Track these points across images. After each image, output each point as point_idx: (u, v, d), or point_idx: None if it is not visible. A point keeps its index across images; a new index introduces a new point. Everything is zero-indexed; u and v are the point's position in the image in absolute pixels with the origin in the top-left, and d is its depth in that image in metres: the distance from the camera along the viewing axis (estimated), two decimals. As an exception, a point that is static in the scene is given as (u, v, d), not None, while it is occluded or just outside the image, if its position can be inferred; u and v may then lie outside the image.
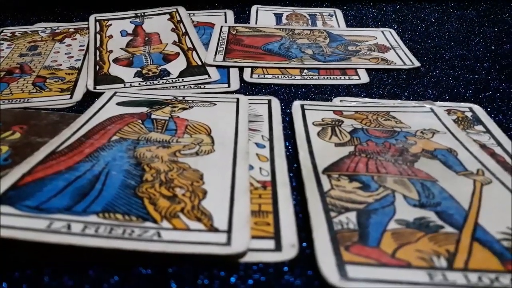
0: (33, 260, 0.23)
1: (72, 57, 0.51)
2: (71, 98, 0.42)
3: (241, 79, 0.46)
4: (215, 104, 0.40)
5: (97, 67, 0.48)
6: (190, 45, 0.52)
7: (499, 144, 0.35)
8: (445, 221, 0.26)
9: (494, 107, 0.41)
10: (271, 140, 0.34)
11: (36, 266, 0.23)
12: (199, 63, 0.49)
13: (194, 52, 0.51)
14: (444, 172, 0.31)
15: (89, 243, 0.23)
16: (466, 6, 0.69)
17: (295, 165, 0.32)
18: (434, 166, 0.31)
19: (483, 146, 0.34)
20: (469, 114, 0.40)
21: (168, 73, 0.47)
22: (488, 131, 0.37)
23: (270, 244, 0.24)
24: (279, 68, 0.48)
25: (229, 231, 0.24)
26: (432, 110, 0.39)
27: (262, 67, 0.48)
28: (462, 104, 0.41)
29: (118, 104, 0.39)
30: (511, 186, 0.29)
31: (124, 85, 0.45)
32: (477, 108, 0.40)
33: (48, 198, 0.26)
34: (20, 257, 0.24)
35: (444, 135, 0.35)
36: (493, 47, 0.55)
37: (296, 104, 0.40)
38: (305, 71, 0.48)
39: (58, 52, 0.52)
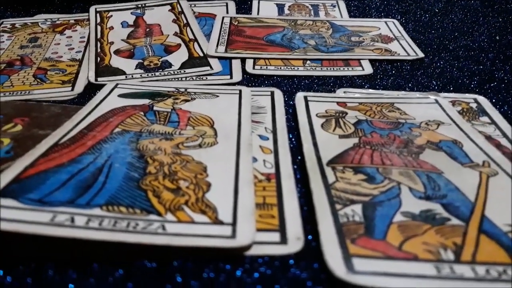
0: (37, 253, 0.23)
1: (73, 48, 0.51)
2: (72, 90, 0.42)
3: (244, 71, 0.45)
4: (218, 96, 0.39)
5: (98, 58, 0.48)
6: (191, 36, 0.52)
7: (504, 135, 0.35)
8: (451, 213, 0.26)
9: (499, 98, 0.41)
10: (274, 132, 0.34)
11: (40, 259, 0.23)
12: (201, 54, 0.48)
13: (195, 44, 0.50)
14: (450, 164, 0.30)
15: (93, 236, 0.22)
16: (470, -4, 0.69)
17: (299, 157, 0.32)
18: (440, 158, 0.31)
19: (488, 138, 0.34)
20: (474, 105, 0.39)
21: (170, 65, 0.46)
22: (493, 122, 0.37)
23: (275, 237, 0.24)
24: (281, 59, 0.47)
25: (234, 224, 0.24)
26: (437, 101, 0.39)
27: (264, 58, 0.47)
28: (467, 95, 0.41)
29: (120, 96, 0.39)
30: (518, 178, 0.29)
31: (126, 77, 0.44)
32: (482, 99, 0.40)
33: (51, 191, 0.26)
34: (24, 250, 0.23)
35: (449, 127, 0.35)
36: (497, 38, 0.54)
37: (299, 96, 0.39)
38: (308, 62, 0.47)
39: (59, 43, 0.52)
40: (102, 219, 0.24)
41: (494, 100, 0.40)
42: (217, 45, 0.50)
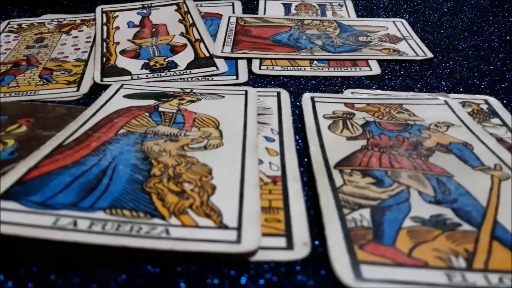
0: (39, 257, 0.23)
1: (79, 49, 0.50)
2: (78, 90, 0.42)
3: (250, 71, 0.45)
4: (223, 97, 0.39)
5: (104, 59, 0.47)
6: (197, 37, 0.52)
7: (516, 137, 0.34)
8: (462, 218, 0.25)
9: (510, 99, 0.40)
10: (280, 133, 0.34)
11: (42, 263, 0.23)
12: (207, 54, 0.48)
13: (201, 44, 0.50)
14: (460, 167, 0.30)
15: (96, 241, 0.22)
16: (480, -5, 0.68)
17: (306, 160, 0.31)
18: (450, 161, 0.30)
19: (500, 140, 0.33)
20: (484, 107, 0.38)
21: (176, 65, 0.46)
22: (504, 124, 0.36)
23: (282, 242, 0.24)
24: (288, 59, 0.47)
25: (239, 228, 0.24)
26: (446, 103, 0.38)
27: (271, 59, 0.47)
28: (477, 96, 0.40)
29: (125, 96, 0.39)
30: (531, 182, 0.28)
31: (131, 77, 0.44)
32: (492, 100, 0.39)
33: (54, 194, 0.25)
34: (25, 254, 0.23)
35: (459, 129, 0.34)
36: (508, 37, 0.53)
37: (306, 97, 0.39)
38: (315, 62, 0.47)
39: (65, 44, 0.52)
40: (105, 222, 0.23)
41: (505, 101, 0.39)
42: (223, 45, 0.49)
